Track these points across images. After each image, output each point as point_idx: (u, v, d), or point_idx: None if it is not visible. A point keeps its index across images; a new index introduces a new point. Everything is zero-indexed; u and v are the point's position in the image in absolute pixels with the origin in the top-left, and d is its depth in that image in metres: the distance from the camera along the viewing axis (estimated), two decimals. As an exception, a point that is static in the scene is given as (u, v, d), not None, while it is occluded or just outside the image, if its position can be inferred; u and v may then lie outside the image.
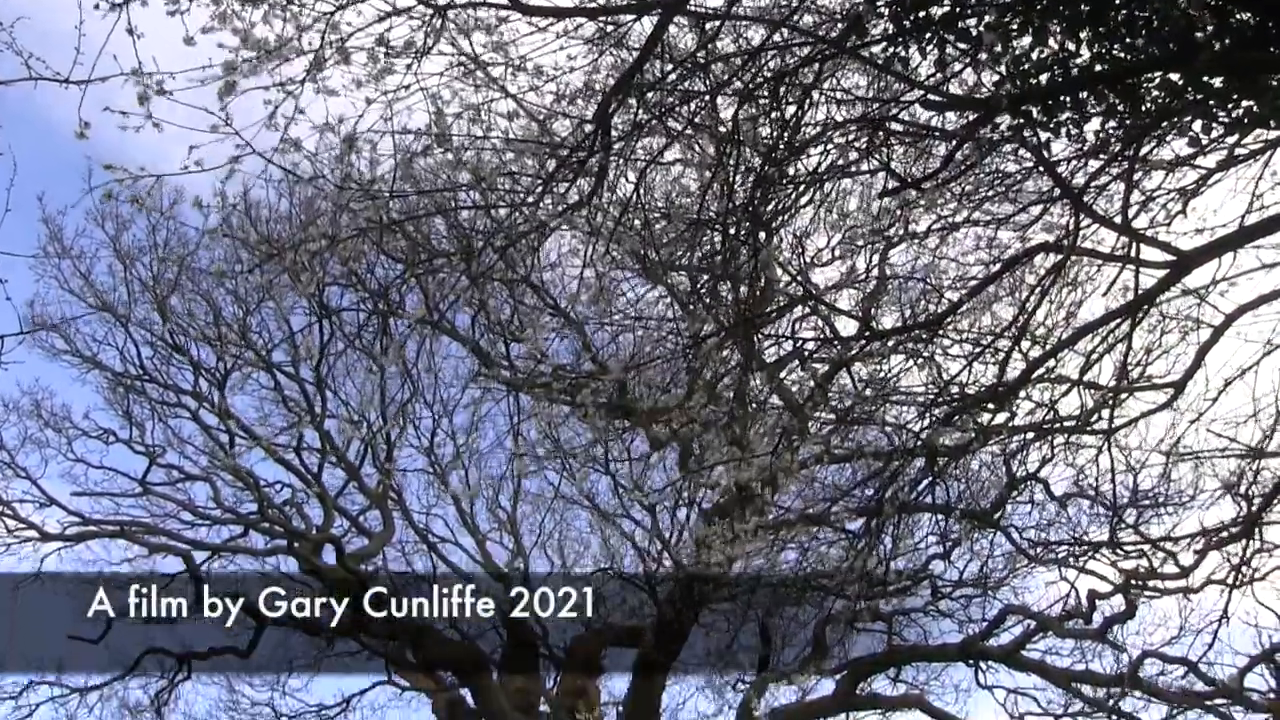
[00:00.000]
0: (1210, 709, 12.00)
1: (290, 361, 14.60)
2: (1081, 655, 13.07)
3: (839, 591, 11.78)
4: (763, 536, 7.30)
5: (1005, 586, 13.38)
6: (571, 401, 7.40)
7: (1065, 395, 7.89)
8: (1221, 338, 6.49)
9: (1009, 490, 10.65)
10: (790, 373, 8.33)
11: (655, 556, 15.46)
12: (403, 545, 17.95)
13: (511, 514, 17.98)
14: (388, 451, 14.75)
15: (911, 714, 16.45)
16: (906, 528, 9.78)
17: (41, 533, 14.33)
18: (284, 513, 15.19)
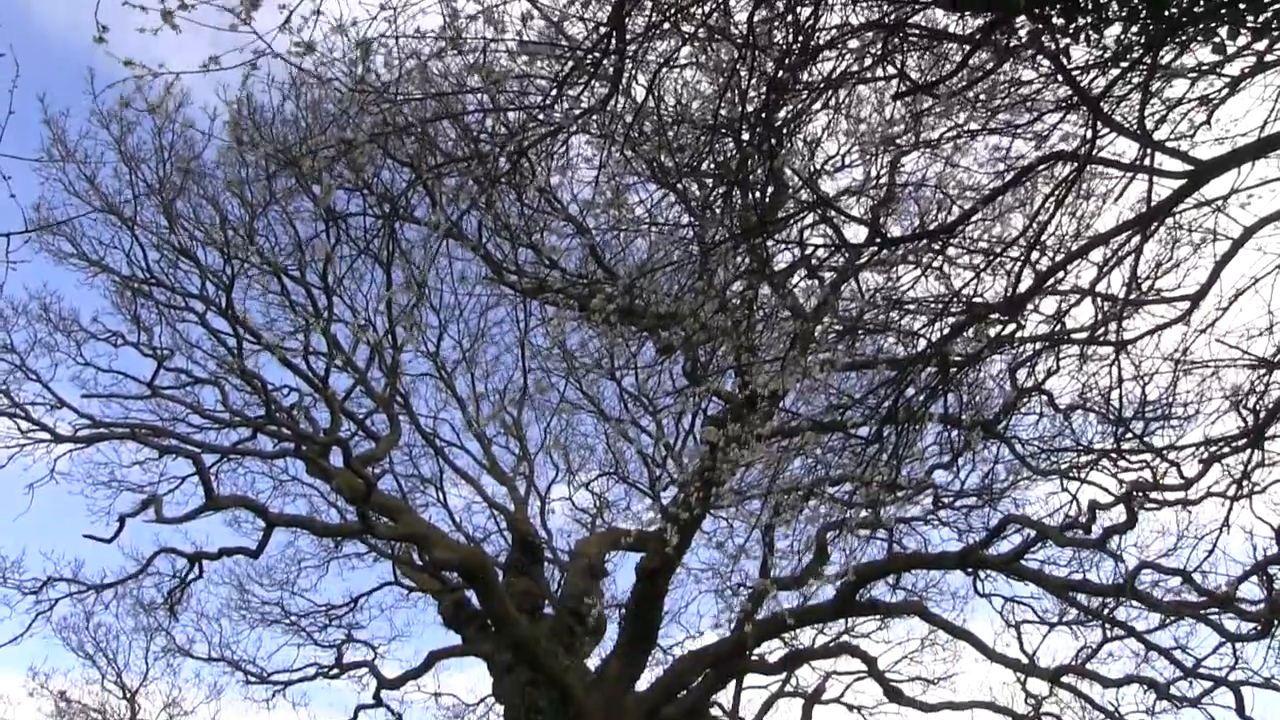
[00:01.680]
0: (1202, 619, 12.20)
1: (297, 266, 14.59)
2: (1079, 565, 13.28)
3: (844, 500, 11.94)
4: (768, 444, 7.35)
5: (1006, 497, 13.56)
6: (582, 308, 7.39)
7: (1076, 305, 7.86)
8: (1240, 251, 6.44)
9: (1014, 401, 10.69)
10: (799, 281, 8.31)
11: (660, 462, 15.64)
12: (409, 449, 18.18)
13: (517, 419, 18.13)
14: (394, 356, 14.78)
15: (910, 620, 16.80)
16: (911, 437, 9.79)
17: (54, 434, 14.47)
18: (291, 416, 15.30)
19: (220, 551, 15.96)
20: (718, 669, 14.32)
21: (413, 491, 18.42)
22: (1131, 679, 13.55)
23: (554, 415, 17.90)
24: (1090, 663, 13.99)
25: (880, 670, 15.62)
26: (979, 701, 15.61)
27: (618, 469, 17.76)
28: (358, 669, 18.27)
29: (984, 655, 13.80)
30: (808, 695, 16.72)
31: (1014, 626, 14.60)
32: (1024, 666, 14.24)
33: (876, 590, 14.35)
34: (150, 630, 16.73)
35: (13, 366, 14.41)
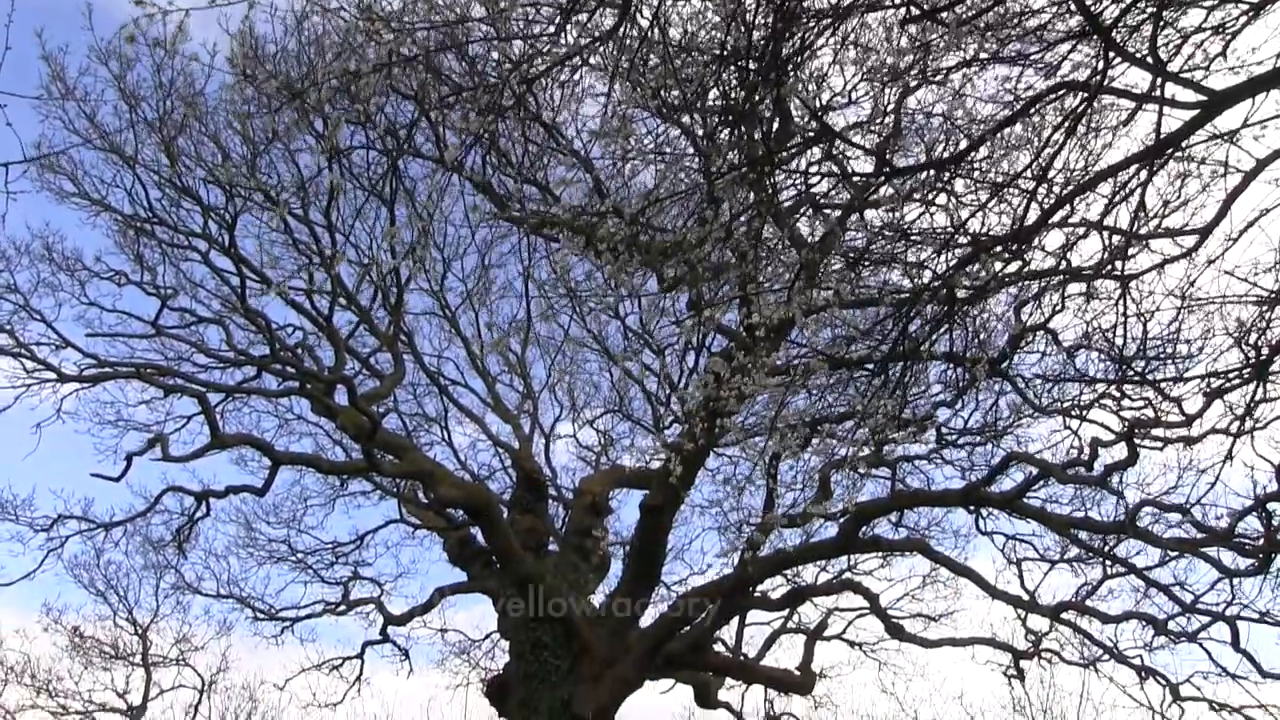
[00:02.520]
0: (1201, 555, 12.31)
1: (300, 204, 14.53)
2: (1081, 503, 13.37)
3: (847, 437, 12.00)
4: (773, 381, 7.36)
5: (1009, 435, 13.58)
6: (586, 242, 7.36)
7: (1083, 239, 7.84)
8: (1251, 184, 6.38)
9: (1018, 338, 10.68)
10: (804, 216, 8.26)
11: (664, 400, 15.69)
12: (414, 388, 18.26)
13: (521, 357, 18.18)
14: (398, 293, 14.77)
15: (912, 558, 16.95)
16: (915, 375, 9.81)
17: (59, 374, 14.50)
18: (296, 355, 15.34)
19: (227, 490, 16.08)
20: (721, 605, 14.45)
21: (417, 430, 18.53)
22: (1130, 615, 13.70)
23: (558, 352, 17.93)
24: (1090, 599, 14.14)
25: (882, 607, 15.79)
26: (979, 638, 15.81)
27: (622, 406, 17.85)
28: (364, 605, 18.47)
29: (985, 592, 13.94)
30: (810, 631, 16.89)
31: (1015, 564, 14.71)
32: (1024, 603, 14.38)
33: (879, 528, 14.46)
34: (159, 567, 16.93)
35: (16, 306, 14.41)
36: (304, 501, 18.44)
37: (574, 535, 15.94)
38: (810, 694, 16.54)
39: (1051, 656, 15.57)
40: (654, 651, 14.19)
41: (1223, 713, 12.99)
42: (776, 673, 16.27)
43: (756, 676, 16.52)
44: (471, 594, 17.23)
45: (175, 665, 16.70)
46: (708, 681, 16.61)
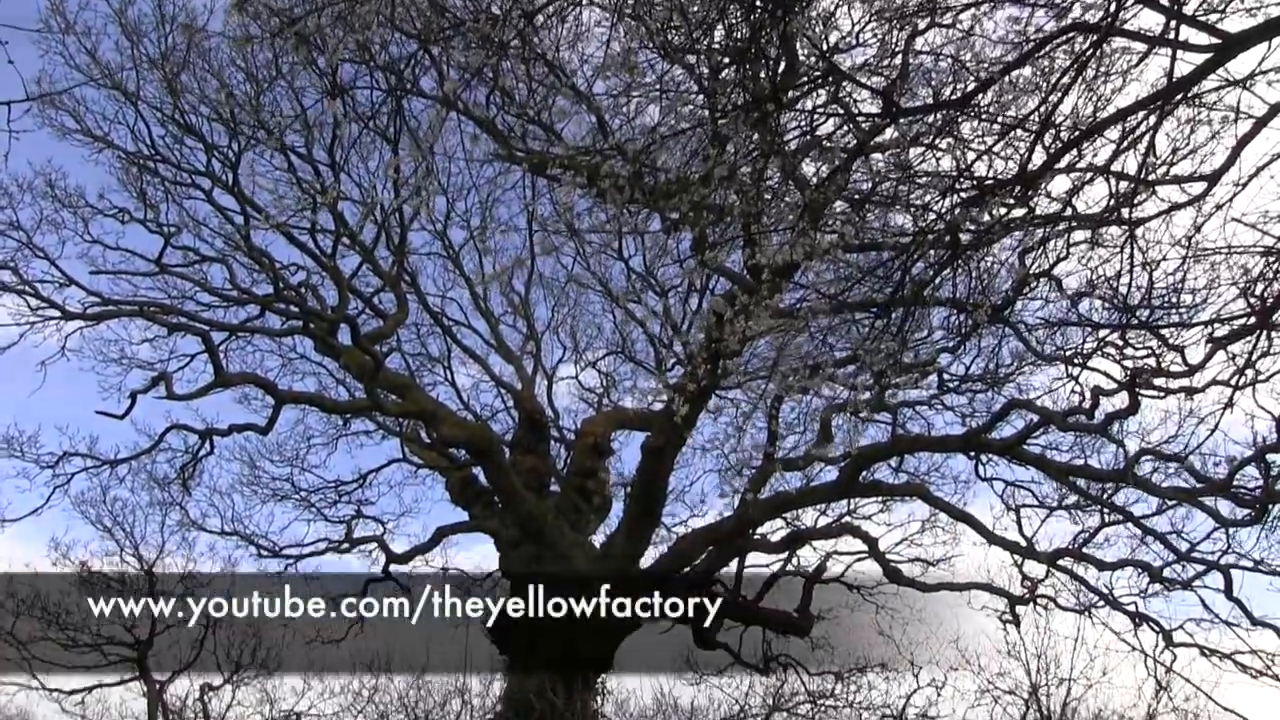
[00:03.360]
0: (1199, 504, 12.37)
1: (304, 143, 14.43)
2: (1081, 451, 13.39)
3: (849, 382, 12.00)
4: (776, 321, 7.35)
5: (1010, 383, 13.57)
6: (589, 182, 7.31)
7: (1089, 184, 7.76)
8: (1263, 131, 6.30)
9: (1022, 285, 10.63)
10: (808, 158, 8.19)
11: (666, 343, 15.69)
12: (417, 328, 18.24)
13: (524, 298, 18.14)
14: (401, 233, 14.74)
15: (912, 504, 17.02)
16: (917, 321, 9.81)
17: (63, 311, 14.50)
18: (299, 293, 15.32)
19: (230, 428, 16.15)
20: (720, 547, 14.59)
21: (420, 370, 18.54)
22: (1126, 562, 13.81)
23: (561, 293, 17.89)
24: (1087, 547, 14.24)
25: (881, 551, 15.90)
26: (976, 583, 15.92)
27: (624, 348, 17.83)
28: (367, 544, 18.58)
29: (983, 538, 14.05)
30: (809, 574, 17.01)
31: (1014, 510, 14.77)
32: (1022, 549, 14.47)
33: (879, 473, 14.53)
34: (165, 505, 16.99)
35: (20, 244, 14.36)
36: (307, 440, 18.51)
37: (575, 476, 16.03)
38: (808, 636, 16.72)
39: (1047, 602, 15.69)
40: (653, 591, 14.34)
41: (1213, 658, 13.12)
42: (775, 614, 16.43)
43: (755, 618, 16.68)
44: (473, 533, 17.38)
45: (180, 601, 16.84)
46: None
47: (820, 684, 16.62)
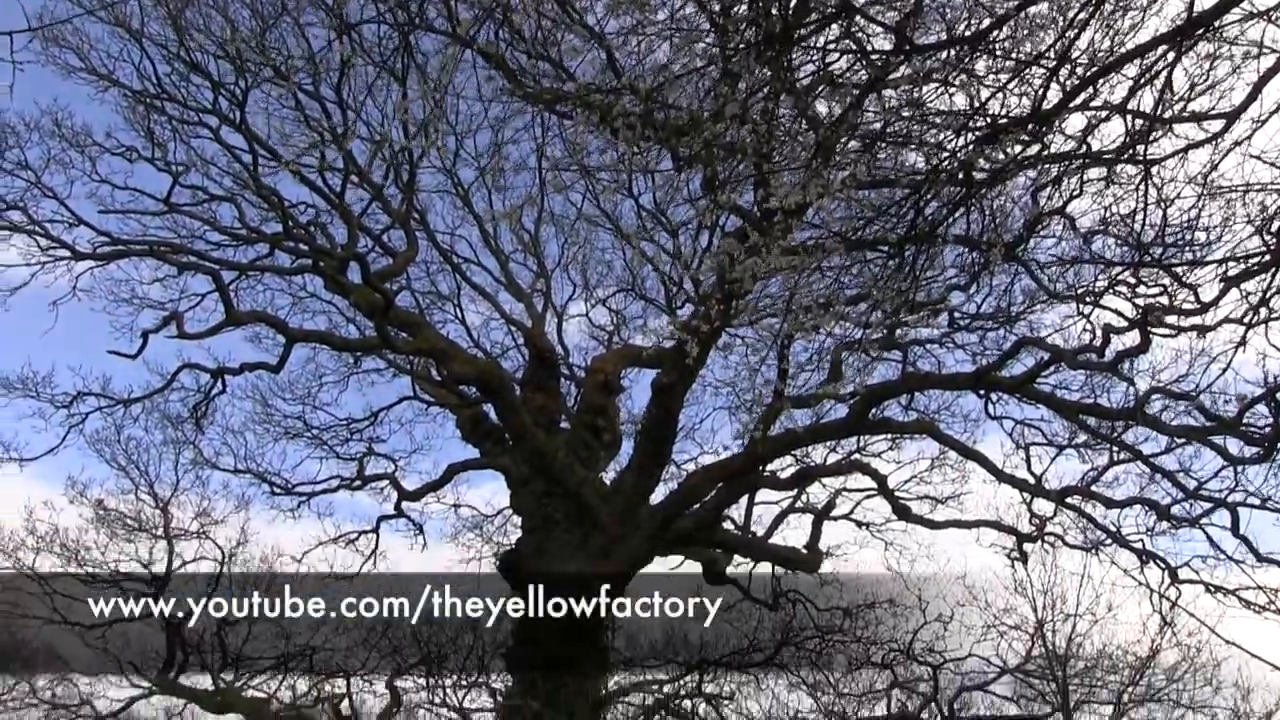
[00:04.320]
0: (1208, 442, 12.39)
1: (311, 80, 14.29)
2: (1091, 390, 13.39)
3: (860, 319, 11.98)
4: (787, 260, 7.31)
5: (1022, 321, 13.52)
6: (601, 120, 7.25)
7: (1106, 122, 7.68)
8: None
9: (1035, 223, 10.56)
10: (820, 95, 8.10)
11: (677, 280, 15.66)
12: (427, 266, 18.25)
13: (534, 235, 18.11)
14: (410, 171, 14.65)
15: (921, 442, 17.10)
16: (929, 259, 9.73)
17: (73, 251, 14.49)
18: (309, 232, 15.29)
19: (242, 366, 16.26)
20: (730, 484, 14.67)
21: (430, 308, 18.56)
22: (1134, 500, 13.87)
23: (572, 231, 17.83)
24: (1095, 485, 14.30)
25: (890, 488, 16.00)
26: (985, 520, 16.04)
27: (635, 286, 17.82)
28: (379, 481, 18.77)
29: (993, 476, 14.09)
30: (817, 511, 17.15)
31: (1023, 448, 14.82)
32: (1031, 487, 14.54)
33: (888, 411, 14.56)
34: (178, 443, 17.16)
35: (28, 183, 14.30)
36: (318, 379, 18.63)
37: (586, 413, 16.11)
38: (816, 572, 16.89)
39: (1055, 540, 15.82)
40: (663, 529, 14.47)
41: (1218, 595, 13.24)
42: (784, 550, 16.58)
43: (764, 554, 16.84)
44: (484, 470, 17.51)
45: (196, 538, 17.08)
46: (716, 559, 16.95)
47: (828, 619, 16.85)
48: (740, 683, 15.42)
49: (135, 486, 16.74)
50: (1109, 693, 19.75)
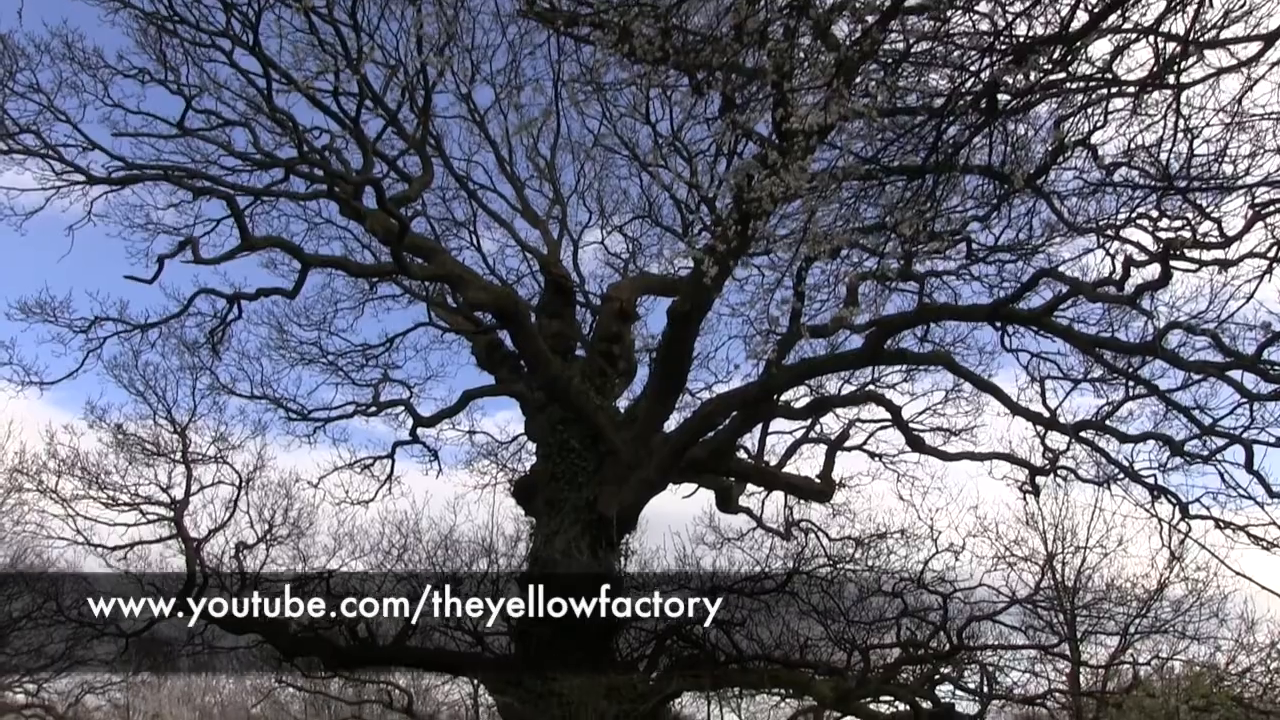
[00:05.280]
0: (1225, 378, 12.33)
1: (325, 2, 14.07)
2: (1109, 324, 13.30)
3: (877, 250, 11.89)
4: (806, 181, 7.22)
5: (1040, 253, 13.40)
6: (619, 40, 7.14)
7: (1134, 43, 7.52)
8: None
9: (1057, 152, 10.40)
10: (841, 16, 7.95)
11: (693, 207, 15.54)
12: (442, 192, 18.15)
13: (550, 161, 17.96)
14: (426, 95, 14.47)
15: (936, 374, 17.07)
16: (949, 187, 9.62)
17: (88, 176, 14.40)
18: (323, 157, 15.17)
19: (258, 292, 16.25)
20: (744, 412, 14.68)
21: (446, 234, 18.48)
22: (1148, 435, 13.86)
23: (588, 156, 17.67)
24: (1110, 420, 14.28)
25: (904, 420, 16.01)
26: (998, 453, 16.07)
27: (651, 213, 17.70)
28: (394, 407, 18.89)
29: (1007, 408, 14.07)
30: (831, 441, 17.20)
31: (1039, 382, 14.77)
32: (1045, 421, 14.53)
33: (904, 342, 14.51)
34: (195, 369, 17.18)
35: (41, 107, 14.15)
36: (334, 304, 18.66)
37: (601, 341, 16.10)
38: (829, 502, 16.99)
39: (1067, 474, 15.84)
40: (677, 456, 14.53)
41: (1228, 530, 13.28)
42: (797, 480, 16.67)
43: (777, 483, 16.92)
44: (499, 397, 17.60)
45: (214, 463, 17.19)
46: (729, 487, 17.06)
47: (840, 549, 16.97)
48: (752, 610, 15.55)
49: (153, 411, 16.81)
50: (1115, 624, 19.90)
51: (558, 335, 16.07)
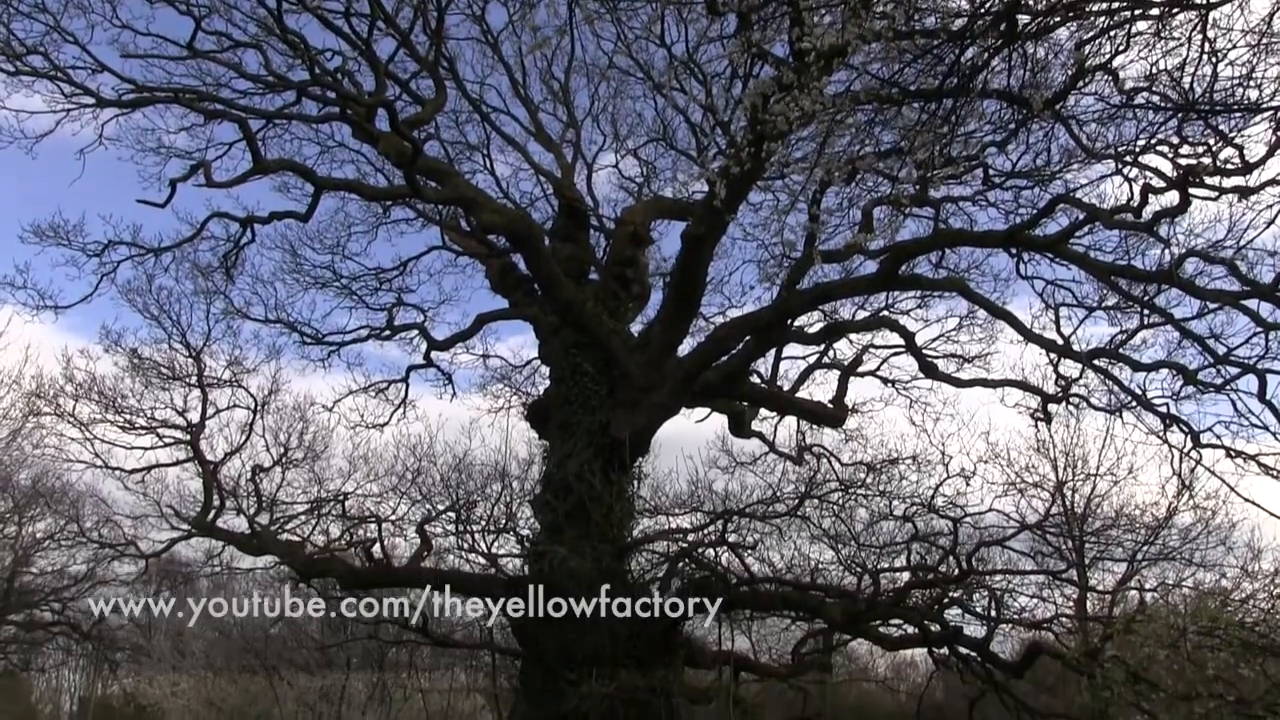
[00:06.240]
0: (1241, 307, 12.25)
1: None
2: (1125, 252, 13.22)
3: (892, 174, 11.79)
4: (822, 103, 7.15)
5: (1058, 180, 13.27)
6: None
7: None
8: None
9: (1077, 76, 10.24)
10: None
11: (708, 131, 15.39)
12: (455, 115, 18.03)
13: (564, 84, 17.79)
14: (438, 16, 14.30)
15: (950, 301, 17.03)
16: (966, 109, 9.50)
17: (98, 99, 14.29)
18: (335, 79, 15.05)
19: (271, 215, 16.23)
20: (757, 337, 14.70)
21: (459, 158, 18.41)
22: (1162, 364, 13.83)
23: (602, 79, 17.47)
24: (1123, 348, 14.24)
25: (917, 346, 16.01)
26: (1010, 380, 16.10)
27: (665, 136, 17.55)
28: (408, 331, 18.98)
29: (1021, 335, 14.03)
30: (844, 366, 17.24)
31: (1053, 309, 14.72)
32: (1058, 348, 14.50)
33: (919, 268, 14.47)
34: (209, 293, 17.25)
35: (48, 27, 14.00)
36: (347, 228, 18.66)
37: (615, 265, 16.09)
38: (841, 427, 17.07)
39: (1079, 402, 15.86)
40: (690, 380, 14.59)
41: (1238, 459, 13.29)
42: (810, 405, 16.74)
43: (790, 408, 17.00)
44: (513, 322, 17.65)
45: (229, 387, 17.33)
46: (742, 411, 17.15)
47: (851, 474, 17.08)
48: (763, 533, 15.70)
49: (168, 336, 16.93)
50: (1123, 551, 20.10)
51: (571, 259, 16.06)
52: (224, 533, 16.33)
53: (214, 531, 16.23)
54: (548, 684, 13.67)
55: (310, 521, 17.06)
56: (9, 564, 30.33)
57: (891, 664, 29.76)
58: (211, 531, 16.23)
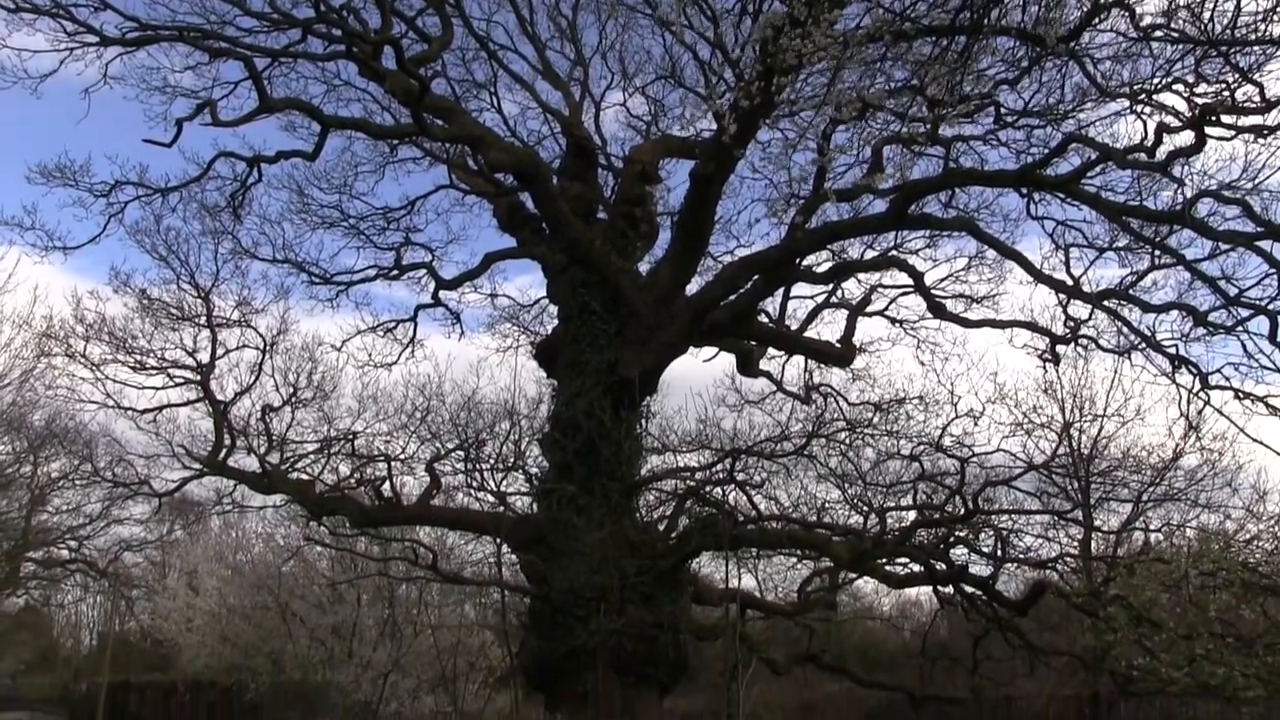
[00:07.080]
0: (1254, 248, 12.15)
1: None
2: (1138, 193, 13.09)
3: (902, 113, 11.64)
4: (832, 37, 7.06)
5: (1071, 119, 13.10)
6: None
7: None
8: None
9: (1092, 14, 10.08)
10: None
11: (716, 69, 15.21)
12: (462, 53, 17.88)
13: (572, 21, 17.60)
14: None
15: (959, 241, 16.95)
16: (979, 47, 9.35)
17: (102, 37, 14.14)
18: (341, 16, 14.90)
19: (278, 154, 16.13)
20: (766, 276, 14.67)
21: (466, 96, 18.30)
22: (1172, 305, 13.74)
23: (610, 15, 17.26)
24: (1134, 289, 14.16)
25: (926, 286, 15.95)
26: (1019, 321, 16.04)
27: (674, 74, 17.38)
28: (416, 270, 18.98)
29: (1030, 276, 13.96)
30: (852, 306, 17.20)
31: (1063, 249, 14.63)
32: (1068, 289, 14.42)
33: (929, 208, 14.37)
34: (217, 233, 17.22)
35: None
36: (354, 168, 18.57)
37: (623, 203, 16.02)
38: (849, 367, 17.09)
39: (1088, 343, 15.82)
40: (699, 319, 14.59)
41: (1246, 401, 13.26)
42: (818, 344, 16.74)
43: (798, 347, 17.01)
44: (521, 261, 17.61)
45: (238, 327, 17.35)
46: (750, 350, 17.17)
47: (859, 413, 17.13)
48: (771, 472, 15.78)
49: (177, 276, 16.94)
50: (1129, 492, 20.23)
51: (579, 198, 15.99)
52: (235, 471, 16.46)
53: (225, 470, 16.36)
54: (556, 620, 13.84)
55: (320, 460, 17.16)
56: (26, 503, 30.73)
57: (897, 602, 30.11)
58: (223, 470, 16.35)
